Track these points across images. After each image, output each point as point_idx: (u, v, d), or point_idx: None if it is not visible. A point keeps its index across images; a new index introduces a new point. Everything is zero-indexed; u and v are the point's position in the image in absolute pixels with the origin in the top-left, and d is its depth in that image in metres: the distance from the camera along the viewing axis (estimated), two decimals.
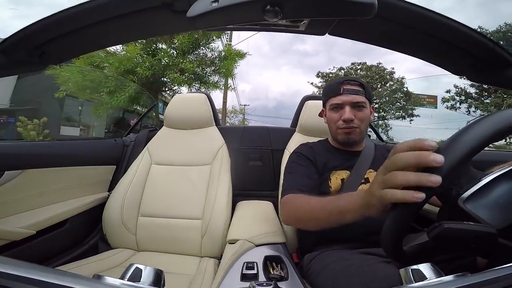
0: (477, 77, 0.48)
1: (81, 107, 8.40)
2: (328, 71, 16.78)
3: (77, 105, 8.39)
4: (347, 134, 0.80)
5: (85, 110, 8.37)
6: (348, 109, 0.78)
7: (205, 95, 1.23)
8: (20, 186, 0.82)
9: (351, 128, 0.79)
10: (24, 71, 0.50)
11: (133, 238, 0.98)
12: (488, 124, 0.30)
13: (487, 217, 0.33)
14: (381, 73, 15.67)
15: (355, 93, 0.78)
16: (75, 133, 8.09)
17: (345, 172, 0.79)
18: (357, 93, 0.78)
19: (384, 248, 0.37)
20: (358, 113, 0.79)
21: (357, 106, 0.78)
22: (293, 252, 0.83)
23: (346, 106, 0.78)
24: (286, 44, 58.49)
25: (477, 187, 0.33)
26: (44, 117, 5.71)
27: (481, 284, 0.22)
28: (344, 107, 0.79)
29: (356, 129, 0.79)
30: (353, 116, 0.78)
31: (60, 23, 0.40)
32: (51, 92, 6.67)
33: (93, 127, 9.19)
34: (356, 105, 0.78)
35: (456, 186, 0.35)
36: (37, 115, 6.15)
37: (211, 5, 0.31)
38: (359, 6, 0.31)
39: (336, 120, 0.81)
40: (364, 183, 0.76)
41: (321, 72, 16.86)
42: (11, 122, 6.70)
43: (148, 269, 0.28)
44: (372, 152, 0.85)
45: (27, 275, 0.21)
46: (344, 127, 0.79)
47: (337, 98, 0.80)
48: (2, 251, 0.72)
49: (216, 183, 1.04)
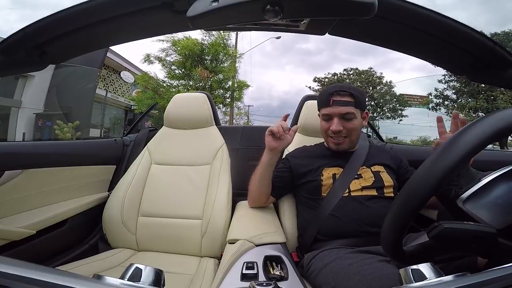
0: (477, 77, 0.48)
1: (103, 111, 9.89)
2: (324, 76, 19.16)
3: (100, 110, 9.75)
4: (336, 145, 0.85)
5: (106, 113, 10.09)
6: (336, 120, 0.81)
7: (205, 94, 1.22)
8: (20, 186, 0.82)
9: (340, 138, 0.83)
10: (24, 71, 0.50)
11: (133, 238, 0.98)
12: (487, 125, 0.30)
13: (486, 217, 0.33)
14: (369, 78, 17.82)
15: (344, 105, 0.80)
16: (98, 135, 8.99)
17: (337, 169, 0.84)
18: (346, 105, 0.80)
19: (384, 247, 0.37)
20: (347, 124, 0.82)
21: (346, 118, 0.81)
22: (293, 251, 0.83)
23: (335, 118, 0.81)
24: (289, 43, 58.48)
25: (477, 187, 0.33)
26: (76, 121, 6.77)
27: (481, 284, 0.22)
28: (333, 118, 0.82)
29: (345, 140, 0.84)
30: (341, 127, 0.81)
31: (60, 23, 0.40)
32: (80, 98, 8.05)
33: (113, 129, 10.77)
34: (345, 117, 0.81)
35: (456, 187, 0.35)
36: (70, 119, 6.86)
37: (211, 4, 0.31)
38: (359, 6, 0.31)
39: (326, 129, 0.85)
40: (356, 178, 0.80)
41: (317, 78, 19.23)
42: (48, 125, 7.62)
43: (148, 269, 0.28)
44: (366, 151, 0.88)
45: (27, 275, 0.21)
46: (332, 136, 0.84)
47: (327, 109, 0.83)
48: (2, 251, 0.73)
49: (216, 183, 1.04)
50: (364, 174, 0.81)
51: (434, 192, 0.31)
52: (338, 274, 0.57)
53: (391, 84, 17.52)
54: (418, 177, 0.33)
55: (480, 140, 0.29)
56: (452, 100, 14.05)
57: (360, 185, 0.78)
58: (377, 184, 0.79)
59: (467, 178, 0.35)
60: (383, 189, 0.78)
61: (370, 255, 0.60)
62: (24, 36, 0.40)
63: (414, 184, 0.33)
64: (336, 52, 50.38)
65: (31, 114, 7.97)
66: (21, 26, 0.39)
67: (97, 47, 0.48)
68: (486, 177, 0.34)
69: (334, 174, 0.82)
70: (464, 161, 0.29)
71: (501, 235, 0.31)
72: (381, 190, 0.78)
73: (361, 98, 0.82)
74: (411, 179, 0.33)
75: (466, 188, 0.34)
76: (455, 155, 0.30)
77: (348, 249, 0.66)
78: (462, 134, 0.31)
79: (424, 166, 0.33)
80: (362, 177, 0.81)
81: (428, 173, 0.32)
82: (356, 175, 0.81)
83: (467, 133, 0.30)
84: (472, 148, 0.29)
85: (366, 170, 0.82)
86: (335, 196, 0.77)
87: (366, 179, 0.80)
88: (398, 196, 0.35)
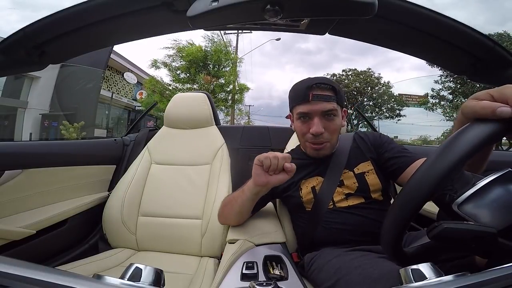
0: (477, 77, 0.48)
1: (107, 111, 10.58)
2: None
3: (104, 110, 10.30)
4: (316, 150, 0.73)
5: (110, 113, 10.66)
6: (317, 120, 0.69)
7: (205, 94, 1.22)
8: (20, 186, 0.82)
9: (321, 143, 0.72)
10: (24, 71, 0.50)
11: (133, 238, 0.98)
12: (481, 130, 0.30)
13: (482, 222, 0.32)
14: (368, 78, 18.10)
15: (325, 100, 0.68)
16: (103, 135, 9.26)
17: (317, 179, 0.75)
18: (327, 100, 0.68)
19: (384, 248, 0.37)
20: (329, 124, 0.70)
21: (327, 115, 0.69)
22: (293, 252, 0.83)
23: (315, 117, 0.69)
24: (289, 42, 58.62)
25: (471, 191, 0.33)
26: (82, 121, 7.00)
27: (481, 284, 0.22)
28: (313, 117, 0.69)
29: (326, 144, 0.72)
30: (323, 128, 0.69)
31: (60, 23, 0.40)
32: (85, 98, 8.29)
33: (116, 129, 11.07)
34: (326, 114, 0.69)
35: (450, 191, 0.34)
36: (76, 119, 7.03)
37: (211, 4, 0.31)
38: (359, 5, 0.31)
39: (304, 132, 0.72)
40: (339, 186, 0.72)
41: None
42: (54, 125, 7.87)
43: (148, 269, 0.28)
44: (347, 149, 0.77)
45: (27, 275, 0.21)
46: (313, 141, 0.72)
47: (305, 106, 0.69)
48: (2, 251, 0.72)
49: (216, 182, 1.04)
50: (347, 180, 0.72)
51: (432, 195, 0.31)
52: (339, 269, 0.57)
53: (389, 84, 18.07)
54: (418, 177, 0.33)
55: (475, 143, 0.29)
56: (448, 100, 14.19)
57: (343, 193, 0.71)
58: (361, 189, 0.71)
59: (462, 182, 0.34)
60: (369, 193, 0.71)
61: (371, 253, 0.60)
62: (24, 36, 0.40)
63: (416, 183, 0.33)
64: (336, 52, 50.47)
65: (37, 115, 8.25)
66: (22, 26, 0.39)
67: (97, 47, 0.48)
68: (481, 181, 0.33)
69: (313, 187, 0.74)
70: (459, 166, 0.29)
71: (501, 235, 0.31)
72: (367, 194, 0.71)
73: (341, 92, 0.71)
74: (411, 180, 0.33)
75: (460, 193, 0.34)
76: (453, 157, 0.30)
77: (348, 248, 0.66)
78: (458, 137, 0.31)
79: (421, 169, 0.33)
80: (345, 184, 0.72)
81: (427, 175, 0.32)
82: (339, 182, 0.72)
83: (463, 135, 0.31)
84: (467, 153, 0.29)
85: (348, 174, 0.73)
86: (320, 210, 0.71)
87: (348, 186, 0.72)
88: (397, 197, 0.35)
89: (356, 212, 0.69)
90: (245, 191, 0.67)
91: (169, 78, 9.05)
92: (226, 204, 0.77)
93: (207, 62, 8.68)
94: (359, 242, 0.67)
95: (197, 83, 8.68)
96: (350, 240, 0.68)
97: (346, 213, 0.70)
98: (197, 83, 8.70)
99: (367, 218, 0.68)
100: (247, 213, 0.75)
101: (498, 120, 0.29)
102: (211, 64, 8.80)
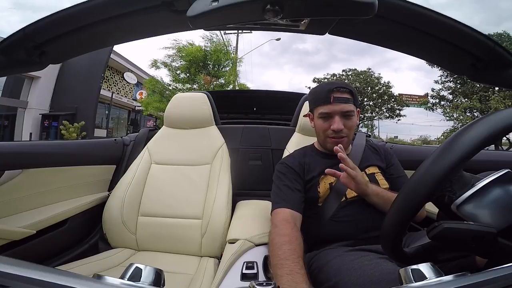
0: (477, 77, 0.48)
1: (107, 111, 10.62)
2: (323, 77, 19.40)
3: (104, 110, 10.44)
4: (336, 144, 0.78)
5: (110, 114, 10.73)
6: (337, 119, 0.77)
7: (205, 94, 1.22)
8: (20, 186, 0.82)
9: (341, 137, 0.79)
10: (24, 71, 0.50)
11: (133, 238, 0.98)
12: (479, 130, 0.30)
13: (481, 222, 0.32)
14: (368, 78, 18.18)
15: (345, 102, 0.77)
16: (103, 135, 9.50)
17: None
18: (346, 102, 0.77)
19: (384, 248, 0.37)
20: (347, 122, 0.78)
21: (346, 115, 0.78)
22: None
23: (336, 116, 0.77)
24: (287, 43, 58.70)
25: (470, 192, 0.33)
26: (82, 121, 7.14)
27: (480, 284, 0.22)
28: (334, 116, 0.78)
29: (345, 139, 0.80)
30: (343, 125, 0.77)
31: (60, 23, 0.40)
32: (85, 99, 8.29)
33: (117, 129, 11.25)
34: (346, 114, 0.78)
35: (449, 192, 0.34)
36: (75, 119, 7.05)
37: (211, 4, 0.31)
38: (359, 5, 0.31)
39: (325, 129, 0.80)
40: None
41: (316, 78, 19.49)
42: (54, 125, 7.94)
43: (148, 269, 0.28)
44: (361, 151, 0.86)
45: (27, 275, 0.21)
46: (333, 136, 0.80)
47: (327, 107, 0.78)
48: (2, 251, 0.72)
49: (216, 182, 1.03)
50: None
51: (432, 195, 0.31)
52: (339, 270, 0.57)
53: (389, 84, 18.06)
54: (417, 177, 0.33)
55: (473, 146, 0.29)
56: (448, 100, 14.25)
57: None
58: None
59: (460, 183, 0.34)
60: None
61: (371, 253, 0.60)
62: (24, 36, 0.40)
63: (416, 183, 0.33)
64: (334, 52, 50.48)
65: (37, 115, 8.22)
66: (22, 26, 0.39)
67: (97, 47, 0.48)
68: (480, 182, 0.33)
69: (331, 183, 0.79)
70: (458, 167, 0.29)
71: (501, 235, 0.31)
72: None
73: (356, 95, 0.81)
74: (411, 180, 0.34)
75: (459, 194, 0.34)
76: (451, 158, 0.30)
77: (349, 247, 0.66)
78: (457, 138, 0.31)
79: (421, 169, 0.33)
80: None
81: (426, 176, 0.32)
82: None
83: (462, 136, 0.31)
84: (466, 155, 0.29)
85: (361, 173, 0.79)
86: (332, 204, 0.76)
87: None
88: (396, 198, 0.35)
89: (366, 206, 0.73)
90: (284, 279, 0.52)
91: (169, 78, 9.09)
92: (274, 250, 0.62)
93: (207, 62, 8.71)
94: (364, 240, 0.68)
95: (197, 83, 8.70)
96: (356, 234, 0.70)
97: (356, 206, 0.74)
98: (197, 83, 8.71)
99: (375, 214, 0.72)
100: None
101: None
102: (211, 64, 8.81)
